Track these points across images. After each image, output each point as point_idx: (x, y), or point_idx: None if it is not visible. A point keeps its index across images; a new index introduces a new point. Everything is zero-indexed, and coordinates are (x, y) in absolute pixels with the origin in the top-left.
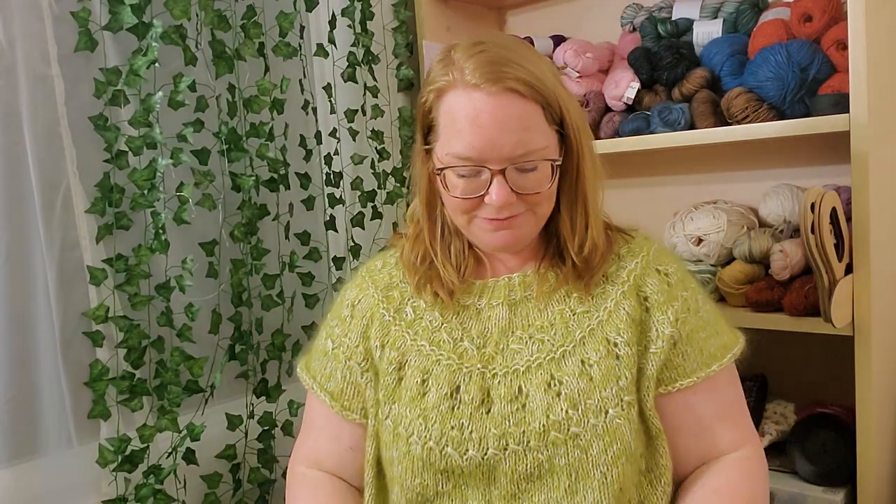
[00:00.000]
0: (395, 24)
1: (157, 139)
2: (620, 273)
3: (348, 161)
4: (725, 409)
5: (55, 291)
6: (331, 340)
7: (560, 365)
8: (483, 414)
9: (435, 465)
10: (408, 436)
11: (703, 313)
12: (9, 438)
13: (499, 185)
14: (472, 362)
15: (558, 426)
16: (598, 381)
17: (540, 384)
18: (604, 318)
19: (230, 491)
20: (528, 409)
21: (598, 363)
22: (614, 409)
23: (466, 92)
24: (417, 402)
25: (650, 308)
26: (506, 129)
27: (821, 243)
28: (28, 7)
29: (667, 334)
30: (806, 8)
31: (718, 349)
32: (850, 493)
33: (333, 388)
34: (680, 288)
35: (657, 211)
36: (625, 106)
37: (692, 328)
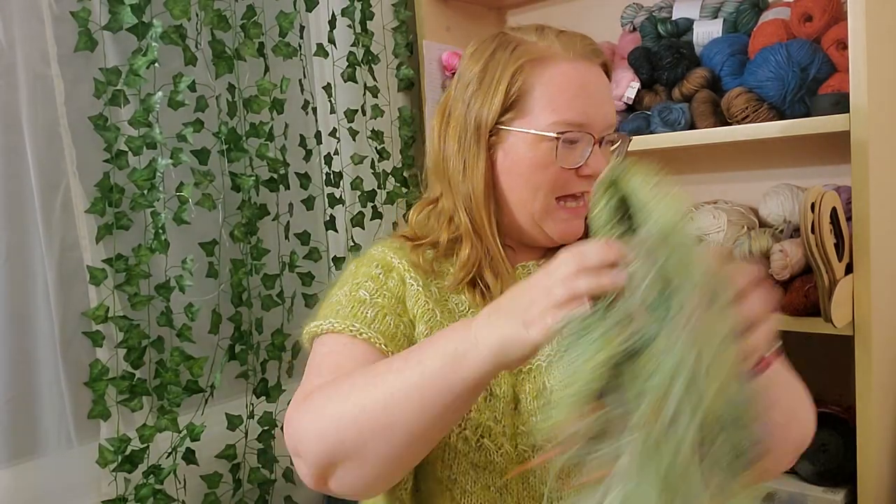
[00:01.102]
0: (395, 24)
1: (156, 139)
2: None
3: (348, 161)
4: None
5: (55, 291)
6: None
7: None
8: (512, 410)
9: (469, 456)
10: None
11: None
12: (9, 438)
13: (597, 152)
14: None
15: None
16: None
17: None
18: None
19: (230, 491)
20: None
21: None
22: None
23: (572, 63)
24: None
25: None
26: (606, 98)
27: (821, 243)
28: (28, 7)
29: None
30: (806, 8)
31: None
32: (850, 493)
33: (385, 330)
34: None
35: None
36: (625, 106)
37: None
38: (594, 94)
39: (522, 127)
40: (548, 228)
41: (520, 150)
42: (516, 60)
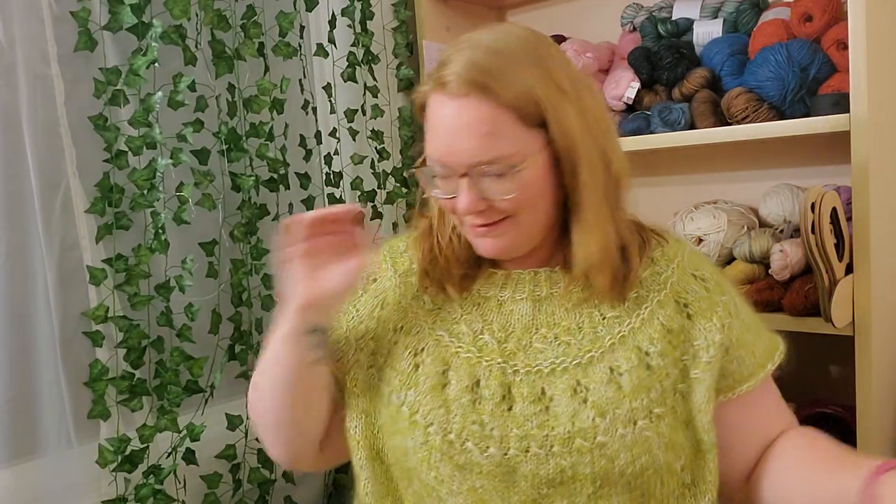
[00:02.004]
0: (395, 24)
1: (156, 139)
2: (657, 279)
3: (348, 161)
4: (777, 402)
5: (55, 291)
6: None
7: (587, 371)
8: (504, 411)
9: (454, 459)
10: (426, 425)
11: (744, 316)
12: (9, 438)
13: (462, 190)
14: (493, 356)
15: (584, 434)
16: (628, 391)
17: (566, 389)
18: (636, 326)
19: (230, 491)
20: (553, 413)
21: (628, 372)
22: (643, 421)
23: (436, 94)
24: (439, 392)
25: (692, 315)
26: (465, 133)
27: (821, 243)
28: (28, 7)
29: (717, 341)
30: (806, 8)
31: (766, 349)
32: None
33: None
34: (718, 293)
35: (657, 211)
36: (625, 106)
37: (739, 332)
38: (447, 128)
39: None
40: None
41: None
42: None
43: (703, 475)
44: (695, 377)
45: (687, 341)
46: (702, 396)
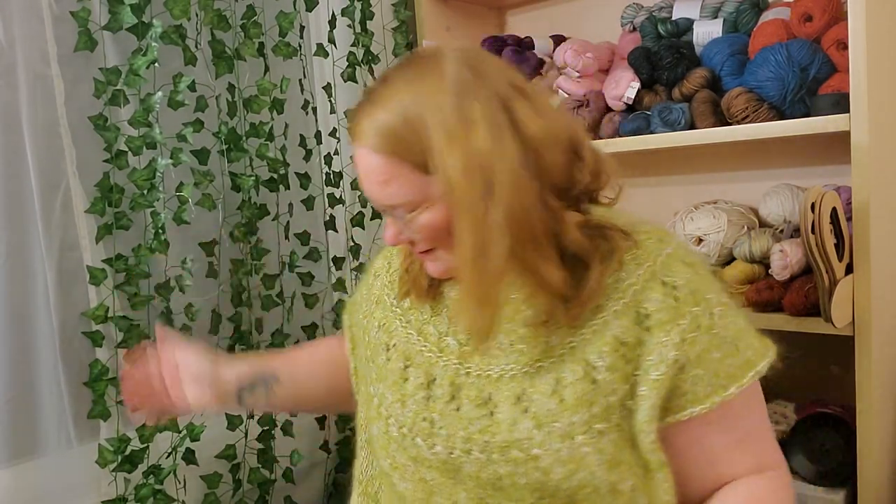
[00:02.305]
0: (395, 24)
1: (156, 139)
2: (618, 286)
3: (348, 161)
4: (744, 434)
5: (55, 291)
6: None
7: (533, 380)
8: (453, 411)
9: (407, 451)
10: (387, 416)
11: (718, 330)
12: (9, 438)
13: (386, 225)
14: (451, 358)
15: (520, 444)
16: (570, 405)
17: (510, 397)
18: (588, 337)
19: (230, 491)
20: (495, 420)
21: (572, 384)
22: (582, 436)
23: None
24: (399, 387)
25: (651, 328)
26: (367, 182)
27: (821, 243)
28: (28, 7)
29: (670, 359)
30: (806, 8)
31: (737, 369)
32: (850, 493)
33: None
34: (690, 303)
35: (657, 211)
36: (625, 106)
37: (703, 348)
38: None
39: None
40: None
41: None
42: None
43: (658, 497)
44: (641, 394)
45: (642, 356)
46: (644, 415)
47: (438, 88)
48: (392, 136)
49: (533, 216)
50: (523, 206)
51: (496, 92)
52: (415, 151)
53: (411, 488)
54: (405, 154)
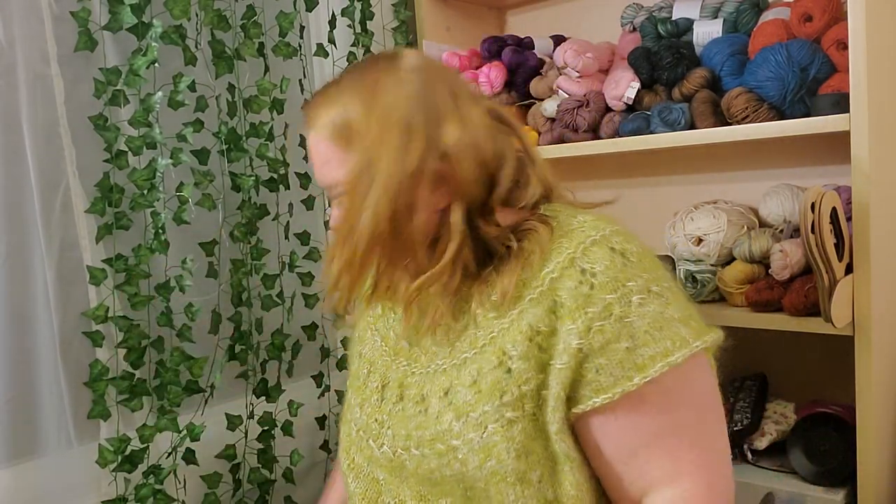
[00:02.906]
0: (395, 24)
1: (156, 139)
2: (536, 275)
3: None
4: (658, 433)
5: (55, 291)
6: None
7: (459, 372)
8: (399, 412)
9: (363, 451)
10: (350, 420)
11: (632, 318)
12: (9, 438)
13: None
14: (401, 359)
15: (442, 436)
16: (484, 394)
17: (438, 390)
18: (506, 326)
19: (230, 491)
20: (428, 415)
21: (488, 374)
22: (493, 425)
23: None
24: (360, 391)
25: (562, 316)
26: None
27: (821, 243)
28: (28, 7)
29: (573, 347)
30: (806, 8)
31: (648, 359)
32: (850, 493)
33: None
34: (606, 290)
35: (657, 211)
36: (625, 106)
37: (609, 337)
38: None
39: None
40: None
41: None
42: None
43: (564, 489)
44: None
45: (553, 345)
46: (550, 405)
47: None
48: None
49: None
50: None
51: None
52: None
53: (362, 489)
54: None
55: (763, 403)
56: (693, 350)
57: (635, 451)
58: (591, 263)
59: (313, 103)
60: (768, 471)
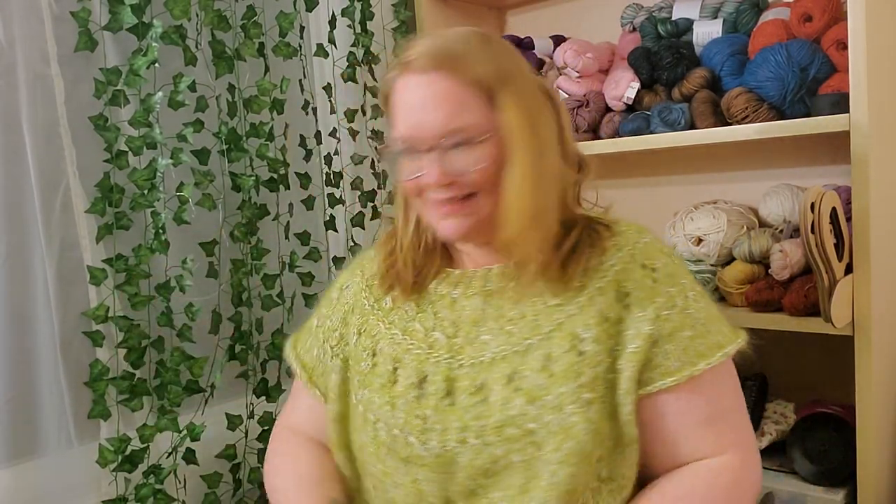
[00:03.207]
0: (395, 24)
1: (157, 139)
2: (601, 267)
3: (348, 161)
4: (711, 414)
5: (55, 291)
6: (317, 318)
7: (524, 358)
8: (447, 406)
9: (398, 452)
10: (375, 421)
11: (691, 311)
12: (9, 438)
13: (429, 163)
14: (441, 352)
15: (514, 421)
16: (558, 377)
17: (501, 377)
18: (574, 313)
19: (230, 491)
20: (489, 403)
21: (559, 357)
22: (571, 406)
23: (402, 76)
24: (388, 390)
25: (630, 305)
26: (430, 106)
27: (821, 243)
28: (28, 7)
29: (645, 332)
30: (806, 8)
31: (707, 348)
32: (850, 492)
33: (307, 361)
34: (666, 284)
35: (657, 211)
36: (625, 106)
37: (676, 326)
38: (412, 104)
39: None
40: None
41: None
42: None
43: (622, 471)
44: (619, 367)
45: (621, 332)
46: (624, 387)
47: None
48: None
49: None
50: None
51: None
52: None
53: (402, 493)
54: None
55: (763, 403)
56: (738, 345)
57: (686, 431)
58: (650, 260)
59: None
60: (768, 471)
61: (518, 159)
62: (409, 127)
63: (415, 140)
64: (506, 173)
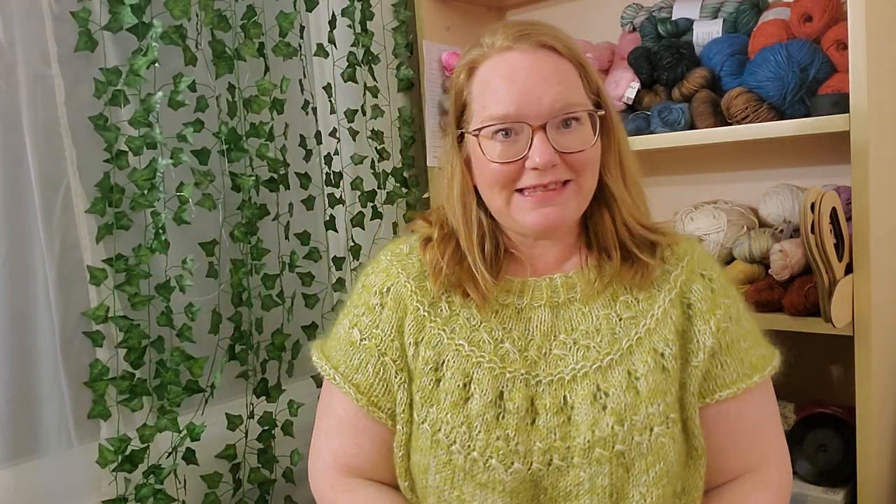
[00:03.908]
0: (395, 24)
1: (157, 139)
2: (667, 277)
3: (348, 161)
4: (757, 424)
5: (55, 291)
6: (358, 330)
7: (606, 375)
8: (528, 425)
9: (477, 477)
10: (449, 444)
11: (744, 322)
12: (9, 438)
13: (540, 141)
14: (515, 367)
15: (603, 442)
16: (646, 396)
17: (586, 396)
18: (651, 326)
19: (230, 491)
20: (574, 423)
21: (645, 376)
22: (660, 427)
23: (500, 56)
24: (461, 409)
25: (692, 317)
26: (544, 81)
27: (821, 243)
28: (28, 7)
29: (708, 346)
30: (806, 8)
31: (759, 360)
32: (850, 493)
33: (361, 381)
34: (722, 295)
35: (657, 211)
36: (625, 106)
37: (733, 338)
38: (522, 81)
39: (468, 128)
40: (520, 220)
41: (473, 151)
42: (462, 66)
43: (695, 482)
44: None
45: (685, 343)
46: (689, 401)
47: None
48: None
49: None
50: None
51: None
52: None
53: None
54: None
55: None
56: (779, 357)
57: (741, 437)
58: (707, 270)
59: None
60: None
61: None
62: (519, 104)
63: (525, 117)
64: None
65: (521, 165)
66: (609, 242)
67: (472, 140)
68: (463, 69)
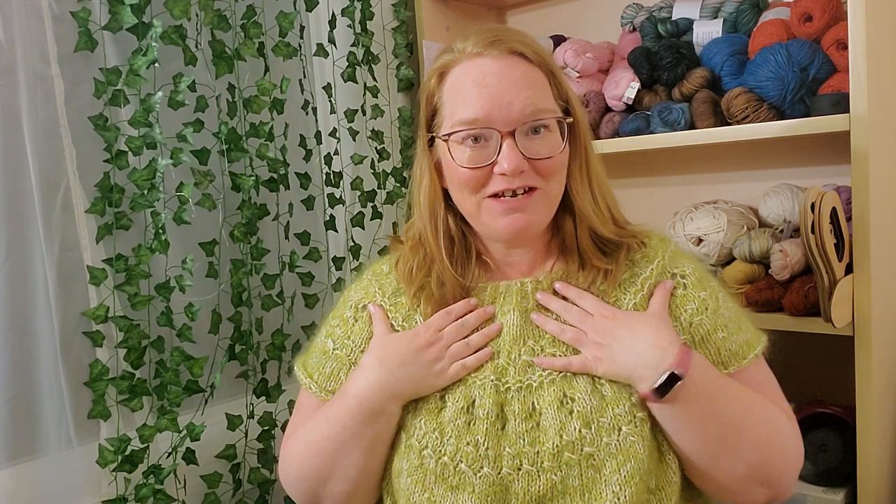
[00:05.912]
0: (395, 24)
1: (157, 139)
2: (634, 280)
3: (348, 161)
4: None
5: (55, 291)
6: (332, 340)
7: (572, 381)
8: (498, 430)
9: (448, 480)
10: (421, 448)
11: (723, 311)
12: (9, 438)
13: (509, 147)
14: (486, 374)
15: (572, 446)
16: (610, 398)
17: (553, 401)
18: None
19: (230, 491)
20: (542, 428)
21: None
22: (628, 426)
23: (471, 61)
24: (434, 415)
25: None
26: (514, 87)
27: (821, 243)
28: (28, 7)
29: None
30: (806, 8)
31: (740, 347)
32: (850, 493)
33: (334, 388)
34: (697, 289)
35: (657, 211)
36: (625, 106)
37: (709, 329)
38: (492, 87)
39: (438, 133)
40: (485, 230)
41: (443, 155)
42: (433, 70)
43: (668, 477)
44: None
45: None
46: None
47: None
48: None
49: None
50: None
51: None
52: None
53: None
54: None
55: None
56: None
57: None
58: (679, 268)
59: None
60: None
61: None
62: (489, 109)
63: (495, 122)
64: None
65: (490, 171)
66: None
67: (441, 144)
68: (434, 73)
